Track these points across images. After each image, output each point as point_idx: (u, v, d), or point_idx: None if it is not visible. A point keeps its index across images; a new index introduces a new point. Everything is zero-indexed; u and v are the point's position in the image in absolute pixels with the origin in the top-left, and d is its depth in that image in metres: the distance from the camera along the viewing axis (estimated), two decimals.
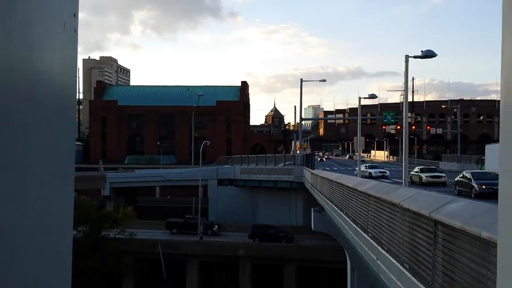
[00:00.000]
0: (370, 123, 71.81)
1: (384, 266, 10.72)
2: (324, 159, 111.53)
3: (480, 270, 5.93)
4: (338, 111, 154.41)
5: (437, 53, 23.68)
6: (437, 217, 7.33)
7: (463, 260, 6.51)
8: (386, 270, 10.46)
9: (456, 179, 31.04)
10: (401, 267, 9.32)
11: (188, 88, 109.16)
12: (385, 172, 50.76)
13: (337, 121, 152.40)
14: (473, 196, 25.93)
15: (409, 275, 8.77)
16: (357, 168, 50.43)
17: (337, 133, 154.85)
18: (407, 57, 24.24)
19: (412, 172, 40.92)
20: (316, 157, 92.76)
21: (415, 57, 24.00)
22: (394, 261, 9.89)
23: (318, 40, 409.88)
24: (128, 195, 64.98)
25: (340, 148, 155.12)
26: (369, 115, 70.29)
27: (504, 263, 1.16)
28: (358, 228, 14.82)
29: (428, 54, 23.68)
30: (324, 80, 58.62)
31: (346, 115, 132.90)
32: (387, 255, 10.54)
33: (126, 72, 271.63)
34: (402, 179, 26.06)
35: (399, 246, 9.73)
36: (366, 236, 13.31)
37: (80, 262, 38.56)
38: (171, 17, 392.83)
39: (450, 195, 16.63)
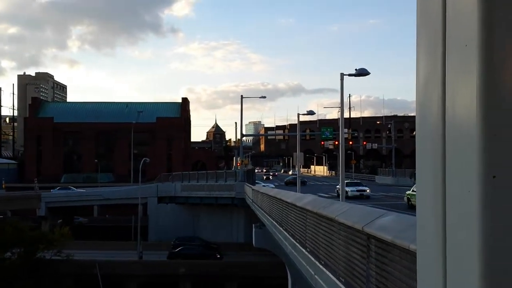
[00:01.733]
0: (309, 138, 72.99)
1: (321, 281, 10.86)
2: (270, 177, 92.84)
3: (410, 283, 6.12)
4: (278, 127, 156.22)
5: (370, 72, 24.68)
6: (370, 231, 7.52)
7: (395, 273, 6.69)
8: (324, 284, 10.60)
9: None
10: (337, 282, 9.47)
11: (127, 104, 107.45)
12: (364, 191, 41.41)
13: (278, 137, 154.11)
14: None
15: None
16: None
17: (278, 148, 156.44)
18: (342, 75, 25.07)
19: (410, 192, 29.21)
20: (262, 175, 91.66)
21: (349, 75, 24.89)
22: (330, 275, 10.04)
23: (259, 57, 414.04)
24: (65, 215, 62.91)
25: (281, 164, 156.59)
26: (308, 131, 71.64)
27: (422, 273, 1.22)
28: (296, 243, 14.97)
29: (362, 72, 24.63)
30: (264, 97, 59.20)
31: (286, 131, 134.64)
32: (324, 269, 10.69)
33: (63, 88, 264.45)
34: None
35: (335, 260, 9.90)
36: (304, 251, 13.46)
37: (15, 285, 36.90)
38: (110, 33, 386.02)
39: None
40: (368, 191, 41.68)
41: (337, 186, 45.95)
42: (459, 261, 1.08)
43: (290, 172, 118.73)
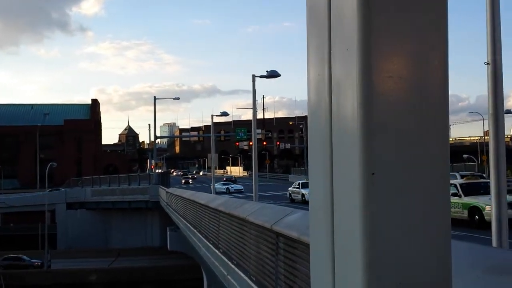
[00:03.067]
0: (224, 139, 73.42)
1: (234, 281, 10.94)
2: (190, 180, 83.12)
3: None
4: (193, 129, 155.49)
5: (281, 74, 25.31)
6: (278, 229, 7.66)
7: (301, 269, 6.86)
8: (236, 284, 10.68)
9: None
10: (249, 281, 9.57)
11: (32, 106, 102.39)
12: None
13: (193, 139, 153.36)
14: None
15: (255, 287, 9.04)
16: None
17: (193, 150, 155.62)
18: (253, 76, 25.48)
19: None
20: (181, 179, 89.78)
21: (261, 76, 25.34)
22: (242, 275, 10.13)
23: (173, 58, 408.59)
24: None
25: (197, 165, 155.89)
26: (223, 132, 71.84)
27: (314, 264, 1.29)
28: (210, 245, 14.97)
29: (273, 74, 25.19)
30: (178, 98, 58.63)
31: (202, 132, 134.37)
32: (236, 269, 10.77)
33: None
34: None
35: (247, 260, 10.00)
36: (217, 252, 13.49)
37: None
38: (14, 30, 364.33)
39: None
40: None
41: (290, 189, 39.03)
42: (345, 252, 1.15)
43: (201, 173, 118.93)
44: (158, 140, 59.07)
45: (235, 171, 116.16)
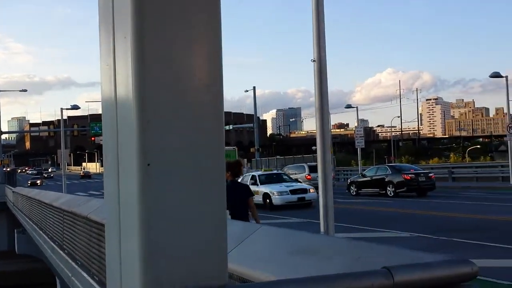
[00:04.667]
0: (79, 134, 70.01)
1: (77, 282, 10.57)
2: (39, 181, 71.44)
3: None
4: (45, 123, 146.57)
5: None
6: None
7: None
8: (80, 285, 10.33)
9: None
10: (91, 281, 9.30)
11: None
12: (305, 191, 23.46)
13: (45, 134, 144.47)
14: None
15: (98, 287, 8.81)
16: None
17: (46, 146, 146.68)
18: None
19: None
20: (29, 180, 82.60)
21: None
22: (85, 275, 9.81)
23: (24, 47, 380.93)
24: None
25: (50, 162, 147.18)
26: (76, 126, 68.62)
27: (108, 242, 1.31)
28: (55, 246, 14.27)
29: None
30: (25, 90, 54.75)
31: (54, 126, 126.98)
32: (80, 270, 10.41)
33: None
34: None
35: (89, 259, 9.70)
36: (62, 253, 12.91)
37: None
38: None
39: None
40: (312, 191, 23.32)
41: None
42: (127, 243, 1.18)
43: (50, 170, 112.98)
44: (5, 136, 54.76)
45: (92, 167, 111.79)
